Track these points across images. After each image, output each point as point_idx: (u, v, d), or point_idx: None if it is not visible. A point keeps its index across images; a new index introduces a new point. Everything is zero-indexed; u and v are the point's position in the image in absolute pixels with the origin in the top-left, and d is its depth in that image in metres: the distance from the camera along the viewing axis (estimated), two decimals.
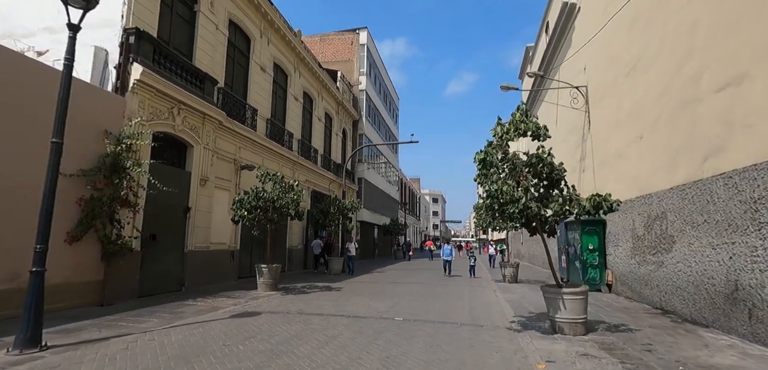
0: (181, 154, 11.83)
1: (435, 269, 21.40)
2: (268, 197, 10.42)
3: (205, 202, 12.29)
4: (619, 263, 11.21)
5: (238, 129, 14.14)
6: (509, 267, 14.43)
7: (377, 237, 36.67)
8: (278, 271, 11.53)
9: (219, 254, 13.03)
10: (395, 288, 12.58)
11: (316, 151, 22.29)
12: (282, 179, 11.09)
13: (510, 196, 6.01)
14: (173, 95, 10.68)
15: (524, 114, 6.70)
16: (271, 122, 17.16)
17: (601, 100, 12.59)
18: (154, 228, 10.24)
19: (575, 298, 6.34)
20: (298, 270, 19.06)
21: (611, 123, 11.73)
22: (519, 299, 10.33)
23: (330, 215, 17.53)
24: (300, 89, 20.48)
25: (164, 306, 8.54)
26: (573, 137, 16.07)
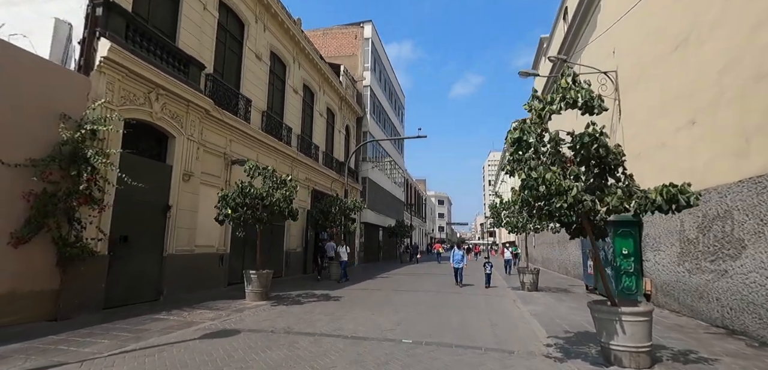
0: (161, 146, 10.53)
1: (443, 274, 19.92)
2: (256, 193, 9.06)
3: (189, 199, 10.98)
4: (662, 270, 9.69)
5: (229, 120, 12.84)
6: (528, 273, 12.94)
7: (382, 239, 35.25)
8: (269, 278, 10.17)
9: (205, 258, 11.70)
10: (402, 297, 11.15)
11: (318, 148, 20.97)
12: (273, 173, 9.74)
13: (556, 186, 4.56)
14: (150, 78, 9.39)
15: (572, 79, 5.19)
16: (268, 115, 15.86)
17: (637, 84, 11.08)
18: (125, 228, 8.93)
19: (637, 320, 4.89)
20: (297, 275, 17.70)
21: (651, 109, 10.22)
22: (547, 312, 8.86)
23: (331, 216, 16.16)
24: (300, 82, 19.18)
25: (129, 321, 7.20)
26: None
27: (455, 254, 14.78)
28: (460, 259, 14.44)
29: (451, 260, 14.78)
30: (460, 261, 14.41)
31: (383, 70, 34.90)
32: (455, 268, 14.55)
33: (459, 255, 14.61)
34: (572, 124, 8.19)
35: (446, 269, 23.35)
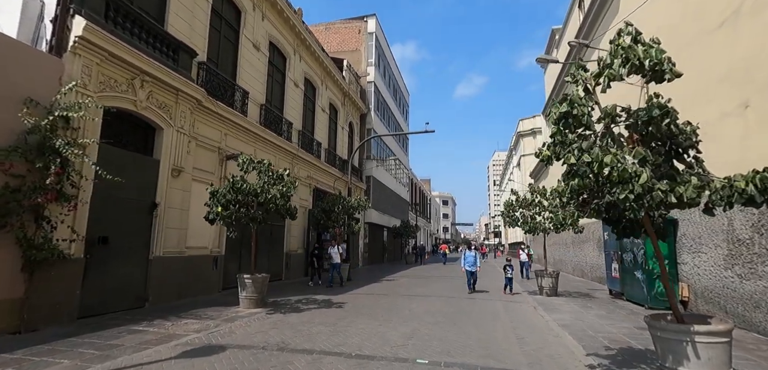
0: (147, 139, 9.65)
1: (452, 277, 18.94)
2: (249, 189, 8.13)
3: (178, 197, 10.08)
4: (703, 274, 8.66)
5: (224, 112, 11.94)
6: (547, 277, 11.91)
7: (387, 240, 34.29)
8: (265, 282, 9.25)
9: (197, 261, 10.80)
10: (411, 304, 10.19)
11: (320, 145, 20.06)
12: (269, 168, 8.81)
13: (619, 172, 3.57)
14: (133, 62, 8.50)
15: (633, 38, 4.20)
16: (266, 109, 14.96)
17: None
18: (105, 229, 8.05)
19: (716, 341, 3.90)
20: (298, 278, 16.78)
21: (689, 96, 9.18)
22: (576, 322, 7.86)
23: (334, 215, 15.23)
24: (300, 75, 18.28)
25: (102, 334, 6.30)
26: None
27: (467, 256, 12.75)
28: (473, 261, 12.62)
29: (463, 263, 12.83)
30: (474, 264, 12.63)
31: (387, 66, 33.97)
32: (468, 272, 12.70)
33: (472, 257, 12.69)
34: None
35: (455, 271, 22.35)
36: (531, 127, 44.24)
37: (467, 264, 12.73)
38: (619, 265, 11.33)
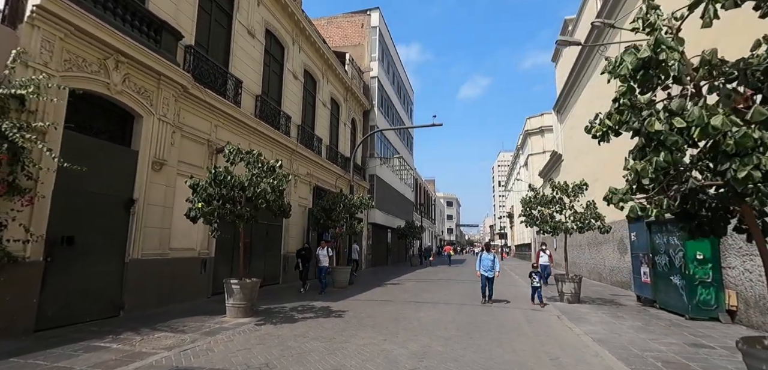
0: (124, 127, 8.66)
1: (461, 281, 17.84)
2: (234, 182, 7.09)
3: (160, 193, 9.08)
4: (756, 281, 7.52)
5: (214, 102, 10.94)
6: (568, 281, 10.78)
7: (391, 241, 33.21)
8: (255, 288, 8.22)
9: (183, 264, 9.80)
10: (419, 313, 9.10)
11: (321, 141, 19.04)
12: (258, 157, 7.76)
13: (738, 139, 2.48)
14: (106, 40, 7.51)
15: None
16: (262, 100, 13.97)
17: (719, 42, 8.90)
18: (70, 228, 7.06)
19: None
20: (297, 282, 15.72)
21: None
22: (612, 337, 6.75)
23: (334, 214, 14.18)
24: (300, 66, 17.28)
25: (55, 352, 5.30)
26: None
27: (484, 259, 10.59)
28: (490, 266, 10.50)
29: (478, 266, 10.74)
30: (491, 269, 10.51)
31: (391, 61, 32.93)
32: (484, 277, 10.62)
33: (489, 261, 10.55)
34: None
35: (461, 274, 21.24)
36: (539, 126, 43.01)
37: (483, 268, 10.65)
38: (650, 269, 10.18)
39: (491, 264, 10.57)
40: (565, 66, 23.37)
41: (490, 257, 10.66)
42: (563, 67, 24.24)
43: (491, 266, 10.56)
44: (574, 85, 21.20)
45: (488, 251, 10.90)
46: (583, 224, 10.24)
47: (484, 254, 10.79)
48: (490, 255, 10.72)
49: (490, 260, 10.60)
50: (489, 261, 10.59)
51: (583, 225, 10.24)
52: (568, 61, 22.77)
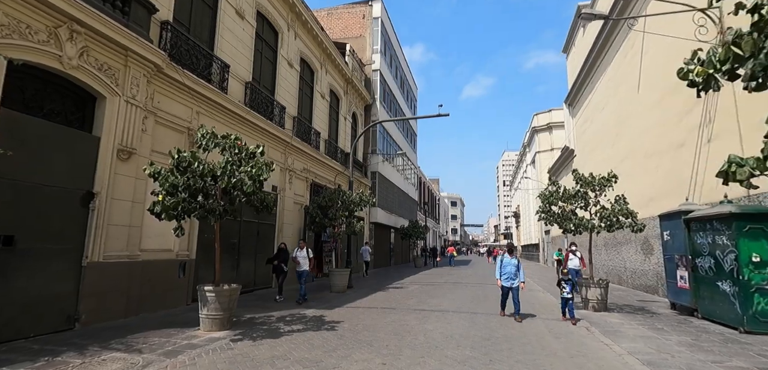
0: (84, 109, 7.51)
1: (467, 283, 16.60)
2: (203, 170, 5.90)
3: (128, 186, 7.93)
4: None
5: (196, 85, 9.79)
6: (594, 287, 9.50)
7: (394, 242, 31.97)
8: (234, 296, 7.04)
9: (157, 268, 8.65)
10: (426, 325, 7.88)
11: (318, 135, 17.87)
12: (235, 142, 6.57)
13: None
14: (55, 4, 6.37)
15: None
16: (253, 88, 12.81)
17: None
18: (9, 226, 5.92)
19: None
20: (292, 286, 14.57)
21: None
22: (663, 357, 5.51)
23: (332, 212, 13.00)
24: (296, 54, 16.12)
25: None
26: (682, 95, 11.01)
27: (505, 263, 8.53)
28: (514, 272, 8.43)
29: (498, 273, 8.62)
30: (515, 276, 8.42)
31: (394, 55, 31.72)
32: (505, 288, 8.54)
33: (512, 267, 8.45)
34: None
35: (467, 276, 19.94)
36: (547, 122, 41.62)
37: (505, 275, 8.50)
38: (690, 273, 8.89)
39: (515, 271, 8.40)
40: (578, 56, 22.06)
41: (514, 263, 8.45)
42: (576, 58, 22.93)
43: (515, 272, 8.41)
44: (588, 75, 19.89)
45: (511, 254, 8.62)
46: (611, 222, 8.97)
47: (505, 258, 8.60)
48: (514, 259, 8.50)
49: (514, 267, 8.42)
50: (512, 267, 8.43)
51: (612, 223, 8.97)
52: (581, 50, 21.48)
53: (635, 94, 14.11)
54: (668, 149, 11.72)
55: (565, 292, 8.17)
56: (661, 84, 12.09)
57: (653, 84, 12.69)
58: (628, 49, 14.48)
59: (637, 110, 13.96)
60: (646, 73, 13.18)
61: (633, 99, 14.39)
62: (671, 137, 11.47)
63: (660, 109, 12.23)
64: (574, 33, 23.22)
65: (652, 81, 12.81)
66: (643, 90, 13.49)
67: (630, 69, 14.48)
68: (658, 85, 12.30)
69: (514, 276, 8.44)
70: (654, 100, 12.65)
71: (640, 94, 13.78)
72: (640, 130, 13.69)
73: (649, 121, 13.06)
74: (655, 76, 12.58)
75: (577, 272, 11.06)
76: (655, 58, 12.50)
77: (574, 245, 10.87)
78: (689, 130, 10.38)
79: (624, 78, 15.16)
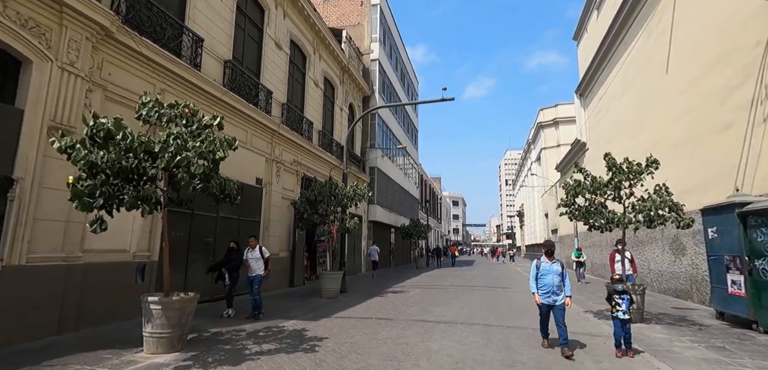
0: (5, 75, 6.05)
1: (475, 286, 15.11)
2: (134, 145, 4.41)
3: (64, 173, 6.46)
4: None
5: (158, 57, 8.34)
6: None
7: (394, 242, 30.48)
8: (187, 308, 5.59)
9: (106, 272, 7.20)
10: (431, 344, 6.40)
11: (311, 125, 16.41)
12: (183, 110, 5.07)
13: None
14: None
15: None
16: (233, 67, 11.37)
17: None
18: None
19: None
20: (281, 290, 13.14)
21: None
22: None
23: (322, 207, 11.53)
24: (285, 35, 14.67)
25: None
26: (727, 70, 9.50)
27: (544, 270, 5.81)
28: (556, 283, 5.71)
29: (534, 287, 5.90)
30: (558, 289, 5.71)
31: (394, 45, 30.24)
32: (546, 307, 5.81)
33: (554, 274, 5.74)
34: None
35: (474, 277, 18.39)
36: (553, 117, 40.06)
37: (544, 288, 5.77)
38: (746, 277, 7.39)
39: (559, 281, 5.66)
40: (592, 42, 20.55)
41: (556, 270, 5.70)
42: (588, 44, 21.42)
43: (559, 283, 5.66)
44: (603, 61, 18.38)
45: (551, 257, 5.82)
46: (651, 217, 7.47)
47: (544, 263, 5.79)
48: (555, 265, 5.73)
49: (557, 275, 5.68)
50: (554, 276, 5.67)
51: (652, 218, 7.47)
52: (595, 35, 19.97)
53: (662, 77, 12.60)
54: (707, 134, 10.21)
55: (620, 311, 5.54)
56: (698, 61, 10.59)
57: (687, 62, 11.18)
58: (654, 26, 12.96)
59: (665, 94, 12.45)
60: (678, 51, 11.67)
61: (659, 82, 12.88)
62: (711, 120, 9.96)
63: (695, 90, 10.72)
64: (587, 17, 21.71)
65: (685, 59, 11.30)
66: (672, 71, 11.98)
67: (656, 48, 12.97)
68: (694, 62, 10.80)
69: (556, 289, 5.65)
70: (687, 80, 11.15)
71: (668, 76, 12.27)
72: (669, 116, 12.18)
73: (680, 105, 11.56)
74: (689, 53, 11.07)
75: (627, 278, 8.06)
76: (689, 33, 10.99)
77: (620, 244, 8.36)
78: (738, 110, 8.87)
79: (648, 59, 13.65)
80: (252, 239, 8.58)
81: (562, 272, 5.76)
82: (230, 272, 8.35)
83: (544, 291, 5.77)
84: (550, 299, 5.72)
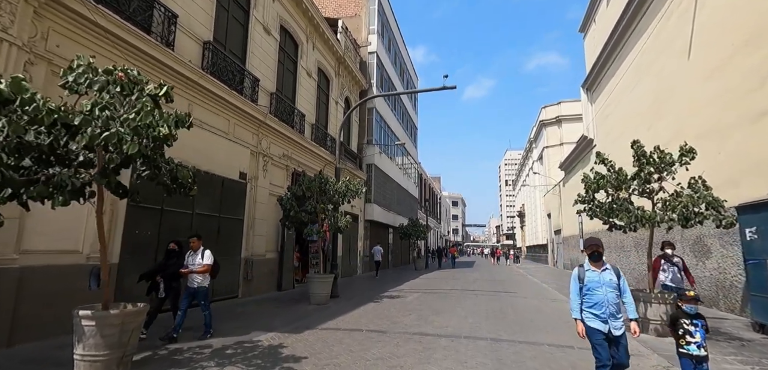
0: None
1: (476, 290, 14.07)
2: (40, 116, 3.33)
3: None
4: None
5: (119, 30, 7.30)
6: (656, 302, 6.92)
7: (392, 242, 29.43)
8: (130, 325, 4.53)
9: (51, 276, 6.17)
10: (430, 366, 5.36)
11: (303, 118, 15.36)
12: (117, 76, 4.03)
13: None
14: None
15: None
16: (214, 49, 10.34)
17: None
18: None
19: None
20: (268, 293, 12.09)
21: None
22: None
23: (310, 204, 10.48)
24: (274, 19, 13.62)
25: None
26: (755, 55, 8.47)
27: (591, 281, 3.79)
28: (612, 300, 3.71)
29: (577, 307, 3.84)
30: (616, 309, 3.71)
31: (393, 38, 29.20)
32: (601, 336, 3.67)
33: (609, 287, 3.73)
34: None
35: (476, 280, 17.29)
36: (556, 115, 39.09)
37: (593, 307, 3.76)
38: None
39: (615, 296, 3.74)
40: (600, 33, 19.53)
41: (612, 281, 3.75)
42: (596, 35, 20.39)
43: (615, 300, 3.74)
44: (614, 51, 17.35)
45: (599, 261, 3.88)
46: (686, 215, 6.43)
47: (590, 271, 3.85)
48: (608, 273, 3.81)
49: (613, 288, 3.73)
50: (609, 291, 3.72)
51: (687, 216, 6.43)
52: (604, 25, 18.94)
53: (683, 63, 11.58)
54: (738, 123, 9.19)
55: (693, 343, 3.69)
56: (727, 42, 9.55)
57: (713, 45, 10.16)
58: (675, 7, 11.93)
59: (687, 82, 11.43)
60: (702, 33, 10.64)
61: (679, 69, 11.85)
62: (745, 107, 8.94)
63: (724, 74, 9.70)
64: (595, 7, 20.67)
65: (711, 41, 10.28)
66: (696, 55, 10.96)
67: (676, 32, 11.94)
68: (722, 44, 9.77)
69: (614, 309, 3.70)
70: (714, 65, 10.12)
71: (690, 62, 11.25)
72: (692, 106, 11.15)
73: (704, 92, 10.53)
74: (716, 35, 10.05)
75: (678, 289, 6.71)
76: (717, 11, 9.96)
77: (668, 245, 6.93)
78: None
79: (666, 46, 12.62)
80: (194, 240, 6.72)
81: (619, 284, 3.74)
82: (168, 281, 6.47)
83: (594, 310, 3.70)
84: (605, 325, 3.63)
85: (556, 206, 32.89)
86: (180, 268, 6.59)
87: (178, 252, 6.77)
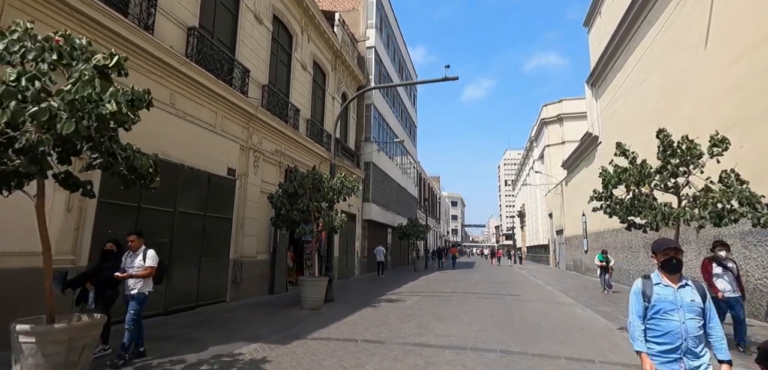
0: None
1: (480, 293, 13.39)
2: None
3: None
4: None
5: (87, 7, 6.61)
6: None
7: (391, 242, 28.74)
8: (80, 342, 3.84)
9: (14, 280, 5.49)
10: None
11: (298, 112, 14.67)
12: (55, 38, 3.35)
13: None
14: None
15: None
16: (200, 36, 9.64)
17: None
18: None
19: None
20: (259, 296, 11.39)
21: None
22: None
23: (303, 202, 9.79)
24: (267, 9, 12.93)
25: None
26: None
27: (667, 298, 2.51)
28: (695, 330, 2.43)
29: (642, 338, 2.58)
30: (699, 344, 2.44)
31: (392, 33, 28.51)
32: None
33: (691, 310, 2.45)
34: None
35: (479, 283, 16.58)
36: (557, 114, 38.44)
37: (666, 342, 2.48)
38: None
39: (698, 327, 2.46)
40: (606, 25, 18.89)
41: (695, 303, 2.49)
42: (602, 28, 19.75)
43: (698, 331, 2.46)
44: (621, 44, 16.71)
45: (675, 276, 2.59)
46: (720, 212, 5.77)
47: (660, 286, 2.60)
48: (688, 289, 2.55)
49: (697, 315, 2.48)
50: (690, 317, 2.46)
51: (721, 214, 5.76)
52: (610, 17, 18.30)
53: (699, 54, 10.93)
54: (763, 115, 8.54)
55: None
56: (751, 28, 8.90)
57: (734, 33, 9.50)
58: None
59: (703, 73, 10.78)
60: (721, 21, 9.99)
61: (694, 61, 11.21)
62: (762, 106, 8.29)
63: (746, 63, 9.05)
64: (598, 8, 20.02)
65: (731, 29, 9.62)
66: (714, 44, 10.31)
67: (690, 21, 11.29)
68: (744, 31, 9.11)
69: (693, 343, 2.44)
70: (734, 54, 9.47)
71: (707, 52, 10.60)
72: (709, 98, 10.50)
73: (723, 84, 9.89)
74: (737, 22, 9.39)
75: (733, 299, 5.97)
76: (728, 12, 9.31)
77: (720, 245, 6.07)
78: None
79: (679, 36, 11.97)
80: (133, 238, 5.48)
81: (703, 307, 2.51)
82: (101, 288, 5.32)
83: (665, 348, 2.50)
84: (680, 365, 2.46)
85: (558, 206, 32.24)
86: (114, 272, 5.30)
87: (116, 253, 5.60)
